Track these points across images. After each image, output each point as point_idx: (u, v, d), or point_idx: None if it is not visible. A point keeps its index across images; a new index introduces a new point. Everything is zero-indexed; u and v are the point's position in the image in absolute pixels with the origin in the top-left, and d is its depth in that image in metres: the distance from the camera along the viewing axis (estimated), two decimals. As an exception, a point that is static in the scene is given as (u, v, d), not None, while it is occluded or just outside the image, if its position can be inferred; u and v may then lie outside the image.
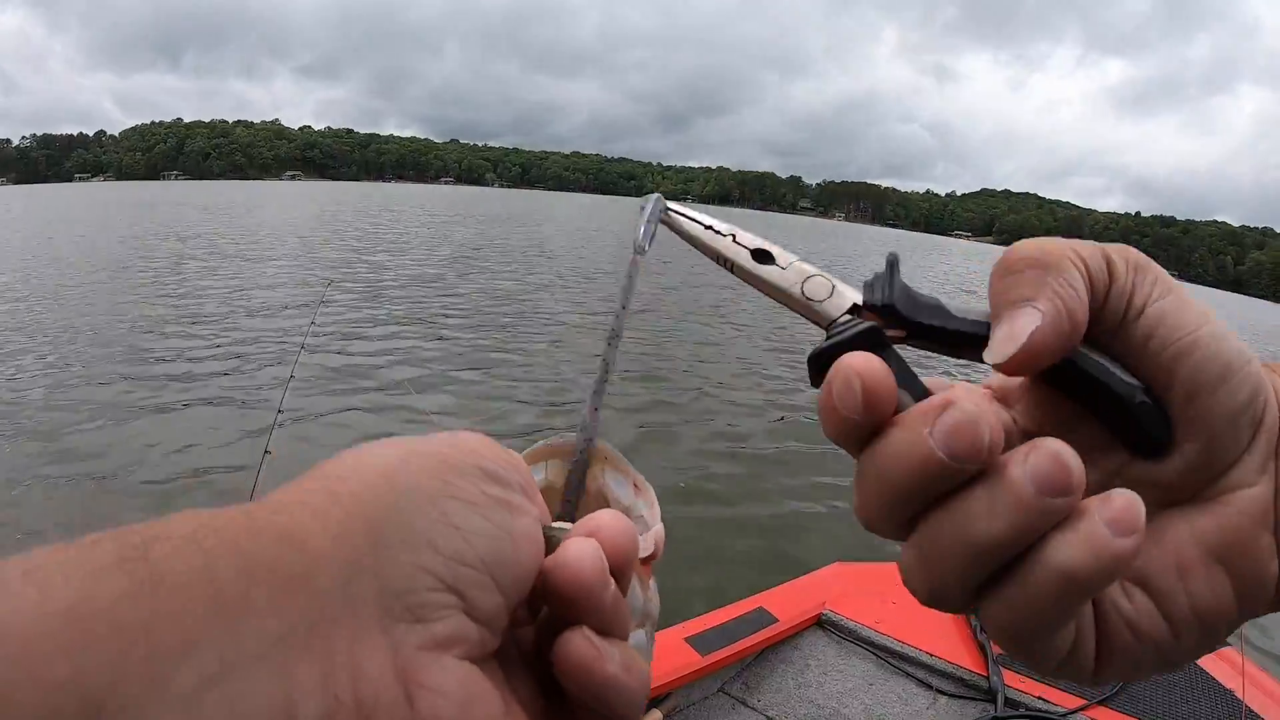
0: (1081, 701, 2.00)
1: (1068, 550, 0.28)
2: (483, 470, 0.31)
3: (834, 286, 0.36)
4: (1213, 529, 0.32)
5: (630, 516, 0.40)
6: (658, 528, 0.40)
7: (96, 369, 8.02)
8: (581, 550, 0.31)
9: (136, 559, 0.22)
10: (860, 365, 0.31)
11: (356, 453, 0.31)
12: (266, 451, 2.98)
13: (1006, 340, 0.32)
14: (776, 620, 2.25)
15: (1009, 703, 2.02)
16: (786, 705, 2.09)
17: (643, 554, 0.37)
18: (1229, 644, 2.24)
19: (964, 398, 0.29)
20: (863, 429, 0.32)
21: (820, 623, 2.34)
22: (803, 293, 0.36)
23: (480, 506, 0.30)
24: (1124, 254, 0.34)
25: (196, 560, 0.23)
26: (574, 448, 0.41)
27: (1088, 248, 0.34)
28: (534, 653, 0.33)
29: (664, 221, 0.40)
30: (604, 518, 0.33)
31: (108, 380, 7.62)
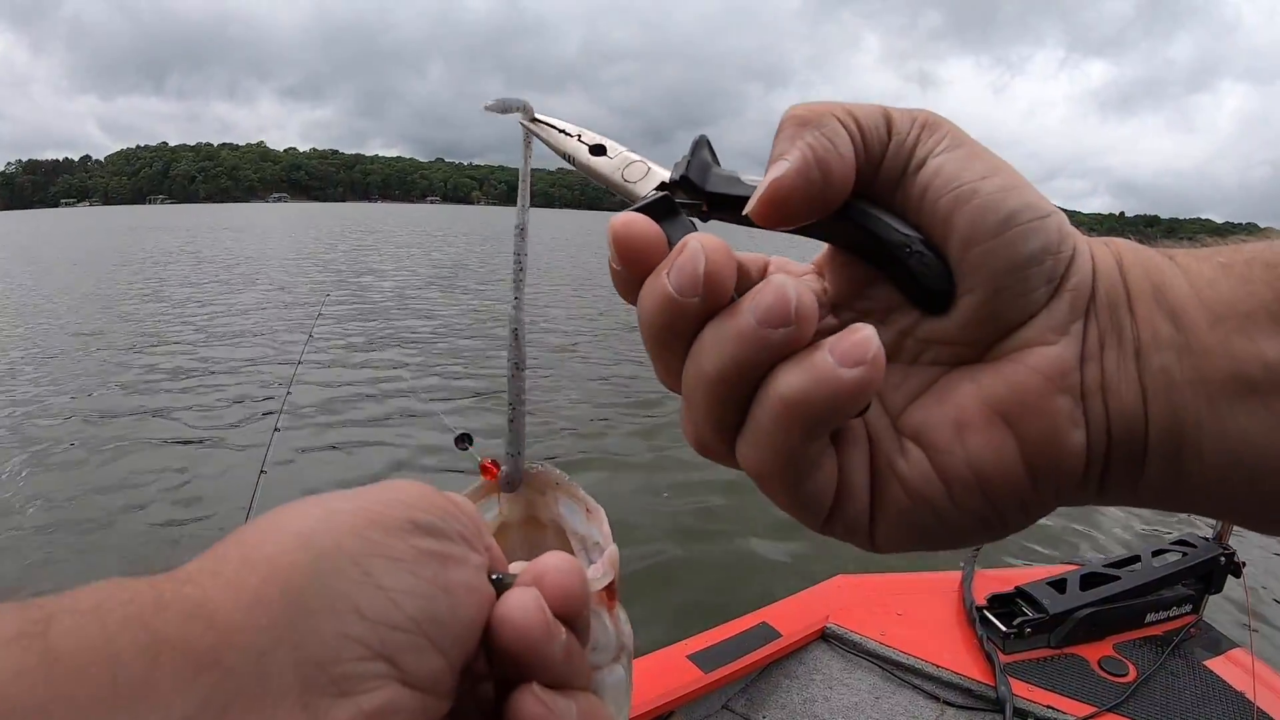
0: (1091, 709, 1.98)
1: (788, 379, 0.28)
2: (413, 523, 0.29)
3: (649, 169, 0.38)
4: (998, 385, 0.31)
5: (586, 545, 0.40)
6: (611, 550, 0.38)
7: (86, 392, 7.97)
8: (522, 603, 0.29)
9: (35, 634, 0.20)
10: (617, 223, 0.31)
11: (274, 515, 0.28)
12: (262, 471, 2.96)
13: (757, 192, 0.32)
14: (780, 635, 2.22)
15: (1017, 712, 1.99)
16: (793, 721, 2.06)
17: (603, 583, 0.35)
18: (1238, 645, 2.22)
19: (693, 238, 0.30)
20: (629, 282, 0.32)
21: (824, 636, 2.31)
22: (622, 177, 0.39)
23: (409, 563, 0.28)
24: (911, 114, 0.33)
25: (97, 637, 0.21)
26: (526, 478, 0.41)
27: (866, 107, 0.33)
28: (496, 710, 0.30)
29: (530, 130, 0.43)
30: (549, 561, 0.31)
31: (99, 402, 7.58)
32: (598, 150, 0.40)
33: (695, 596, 4.14)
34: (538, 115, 0.43)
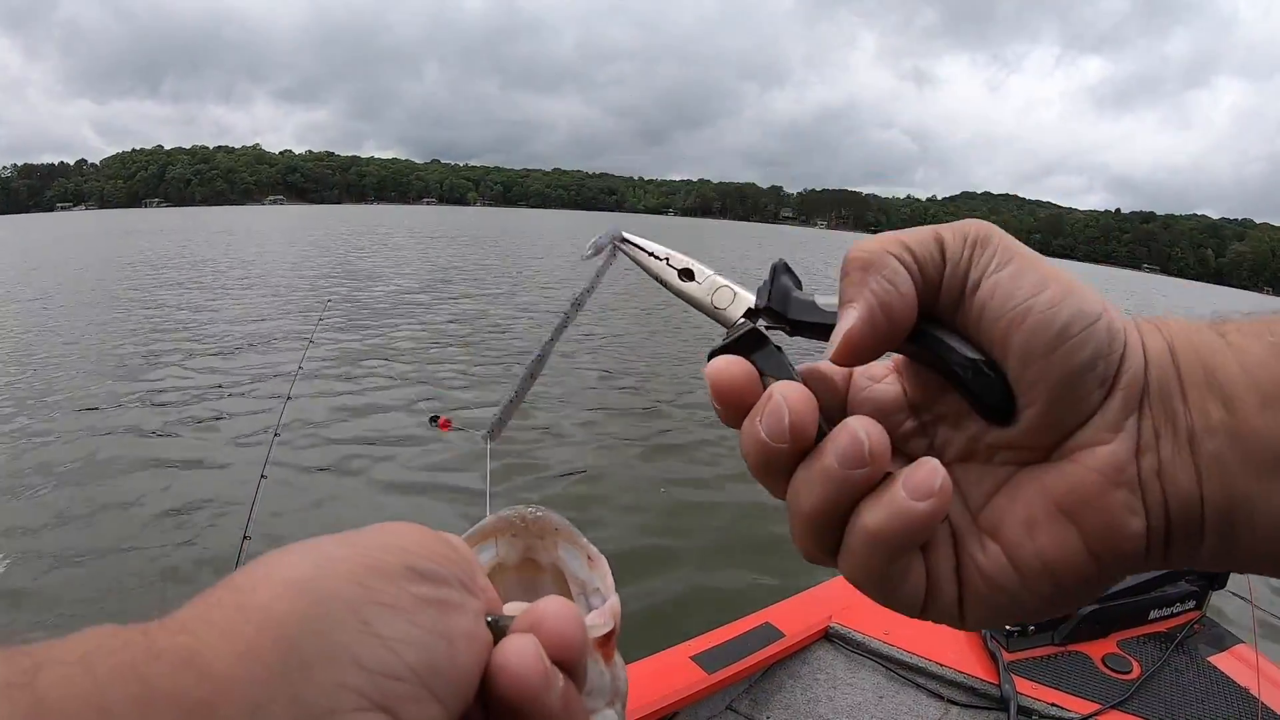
0: (1096, 706, 1.97)
1: (873, 514, 0.33)
2: (411, 569, 0.29)
3: (735, 295, 0.42)
4: (1060, 485, 0.34)
5: (586, 590, 0.39)
6: (613, 600, 0.38)
7: (83, 404, 7.97)
8: (519, 651, 0.28)
9: (23, 685, 0.20)
10: (712, 370, 0.37)
11: (268, 560, 0.28)
12: (263, 476, 2.95)
13: (833, 340, 0.36)
14: (783, 635, 2.21)
15: (1022, 710, 1.98)
16: (797, 721, 2.05)
17: (602, 631, 0.35)
18: (1242, 641, 2.22)
19: (778, 390, 0.35)
20: (731, 419, 0.37)
21: (828, 636, 2.30)
22: (712, 302, 0.43)
23: (408, 611, 0.27)
24: (962, 231, 0.36)
25: (87, 687, 0.20)
26: (525, 522, 0.41)
27: (918, 235, 0.36)
28: None
29: (620, 250, 0.47)
30: (548, 607, 0.31)
31: (97, 409, 7.58)
32: (686, 274, 0.44)
33: (697, 596, 4.13)
34: (626, 235, 0.47)
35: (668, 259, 0.45)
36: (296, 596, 0.25)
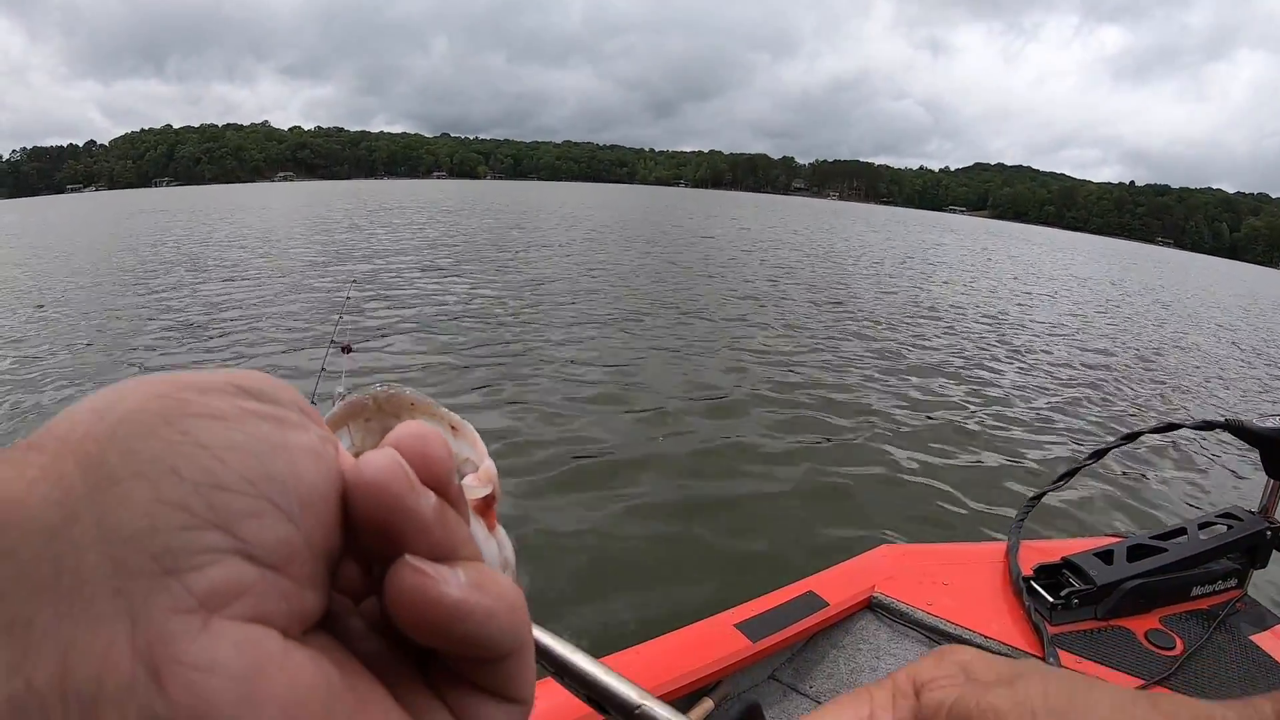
0: (1139, 681, 1.97)
1: None
2: (236, 385, 0.24)
3: None
4: None
5: (457, 462, 0.34)
6: (487, 464, 0.34)
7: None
8: (374, 460, 0.24)
9: None
10: None
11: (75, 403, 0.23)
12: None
13: None
14: (827, 604, 2.21)
15: (1066, 683, 1.99)
16: (839, 691, 2.04)
17: (480, 494, 0.31)
18: (1282, 617, 2.22)
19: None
20: None
21: (870, 605, 2.30)
22: None
23: (235, 421, 0.22)
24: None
25: None
26: (377, 402, 0.36)
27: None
28: (385, 621, 0.25)
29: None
30: (402, 429, 0.26)
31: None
32: None
33: (740, 564, 4.15)
34: None
35: None
36: (99, 418, 0.21)
